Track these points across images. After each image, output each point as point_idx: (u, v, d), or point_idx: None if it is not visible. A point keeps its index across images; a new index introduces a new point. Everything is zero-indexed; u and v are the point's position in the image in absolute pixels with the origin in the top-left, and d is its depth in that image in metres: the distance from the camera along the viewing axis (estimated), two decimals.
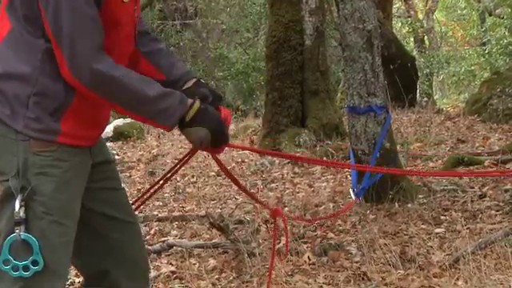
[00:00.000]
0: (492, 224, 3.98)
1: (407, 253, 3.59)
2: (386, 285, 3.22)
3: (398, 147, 5.14)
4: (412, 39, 21.16)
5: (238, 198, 5.23)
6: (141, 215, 4.64)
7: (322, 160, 5.74)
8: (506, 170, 4.95)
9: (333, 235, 4.05)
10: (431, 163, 5.91)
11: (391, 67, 9.68)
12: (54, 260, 1.72)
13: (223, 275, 3.53)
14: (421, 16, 21.40)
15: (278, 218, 2.40)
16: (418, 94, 13.18)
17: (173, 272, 3.60)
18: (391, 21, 13.43)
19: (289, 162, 6.43)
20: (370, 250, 3.65)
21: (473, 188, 4.82)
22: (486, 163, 5.51)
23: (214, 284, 3.41)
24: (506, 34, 15.74)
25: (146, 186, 6.09)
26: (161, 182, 2.14)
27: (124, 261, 1.94)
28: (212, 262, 3.70)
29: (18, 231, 1.66)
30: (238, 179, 5.83)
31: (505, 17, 16.29)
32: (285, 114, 7.29)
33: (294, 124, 7.28)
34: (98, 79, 1.68)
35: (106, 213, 1.92)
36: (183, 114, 1.78)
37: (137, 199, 2.17)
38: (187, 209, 5.17)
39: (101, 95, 1.71)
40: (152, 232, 4.48)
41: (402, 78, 9.47)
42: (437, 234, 3.94)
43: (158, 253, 3.95)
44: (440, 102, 18.53)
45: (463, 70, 18.37)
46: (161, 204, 5.32)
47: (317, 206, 4.77)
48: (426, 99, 13.49)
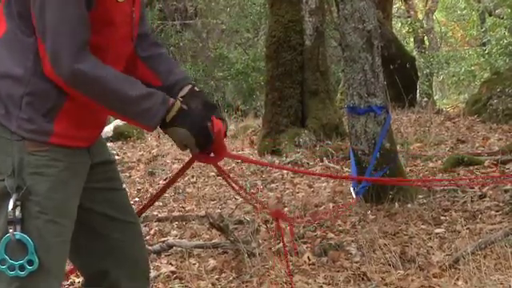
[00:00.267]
0: (492, 224, 3.98)
1: (407, 253, 3.59)
2: (386, 285, 3.22)
3: (397, 147, 5.14)
4: (412, 39, 21.18)
5: (238, 198, 5.23)
6: None
7: (321, 174, 5.76)
8: (506, 174, 4.95)
9: (333, 235, 4.05)
10: (431, 163, 5.90)
11: (391, 67, 9.68)
12: (50, 259, 1.72)
13: (223, 275, 3.53)
14: (421, 16, 21.40)
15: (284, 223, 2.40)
16: (418, 95, 13.17)
17: (173, 272, 3.60)
18: (391, 21, 13.43)
19: (289, 162, 6.43)
20: (370, 250, 3.64)
21: (473, 188, 4.82)
22: (486, 163, 5.52)
23: (213, 284, 3.41)
24: (506, 34, 15.74)
25: (146, 186, 6.09)
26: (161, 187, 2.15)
27: (124, 261, 1.94)
28: (212, 262, 3.70)
29: (11, 231, 1.66)
30: (238, 179, 5.81)
31: (505, 17, 16.30)
32: (285, 114, 7.29)
33: (293, 124, 7.28)
34: (79, 78, 1.67)
35: (106, 213, 1.91)
36: (164, 115, 1.77)
37: (138, 210, 2.17)
38: (187, 209, 5.18)
39: (82, 94, 1.70)
40: (152, 232, 4.48)
41: (401, 78, 9.47)
42: (437, 234, 3.94)
43: (158, 253, 3.95)
44: (440, 102, 18.53)
45: (463, 70, 18.37)
46: (161, 204, 5.32)
47: (317, 206, 4.77)
48: (425, 99, 13.48)
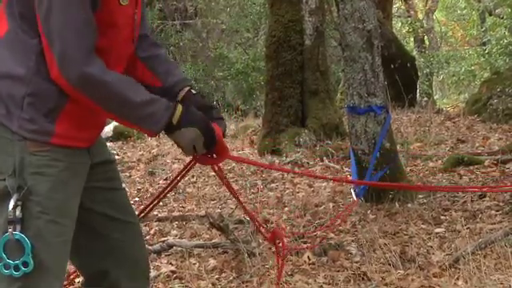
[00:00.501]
0: (492, 224, 3.98)
1: (407, 253, 3.59)
2: (386, 285, 3.22)
3: (397, 147, 5.13)
4: (412, 39, 21.17)
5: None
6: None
7: (322, 175, 5.75)
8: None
9: (333, 235, 4.05)
10: (431, 163, 5.90)
11: (391, 67, 9.68)
12: (51, 259, 1.72)
13: (223, 275, 3.53)
14: (421, 16, 21.40)
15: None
16: (418, 94, 13.17)
17: (173, 272, 3.60)
18: (391, 21, 13.43)
19: (289, 162, 6.43)
20: (370, 249, 3.64)
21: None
22: (486, 163, 5.52)
23: (213, 284, 3.41)
24: (506, 33, 15.74)
25: (146, 185, 6.09)
26: (162, 192, 2.16)
27: (125, 261, 1.94)
28: (212, 262, 3.70)
29: (10, 230, 1.66)
30: (238, 179, 5.78)
31: (505, 17, 16.29)
32: (285, 113, 7.29)
33: (293, 124, 7.28)
34: (87, 82, 1.67)
35: (106, 213, 1.91)
36: (169, 120, 1.78)
37: (140, 213, 2.17)
38: (187, 209, 5.18)
39: (87, 97, 1.70)
40: (152, 232, 4.48)
41: (402, 78, 9.46)
42: (437, 233, 3.93)
43: (158, 253, 3.95)
44: (440, 101, 18.53)
45: (463, 70, 18.37)
46: (161, 204, 5.31)
47: (317, 205, 4.77)
48: (425, 99, 13.48)
